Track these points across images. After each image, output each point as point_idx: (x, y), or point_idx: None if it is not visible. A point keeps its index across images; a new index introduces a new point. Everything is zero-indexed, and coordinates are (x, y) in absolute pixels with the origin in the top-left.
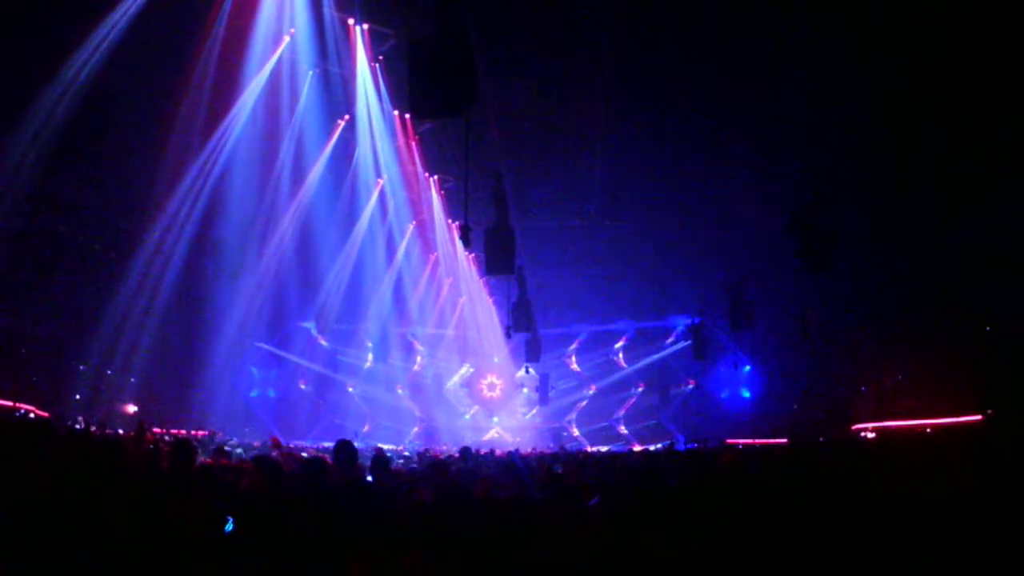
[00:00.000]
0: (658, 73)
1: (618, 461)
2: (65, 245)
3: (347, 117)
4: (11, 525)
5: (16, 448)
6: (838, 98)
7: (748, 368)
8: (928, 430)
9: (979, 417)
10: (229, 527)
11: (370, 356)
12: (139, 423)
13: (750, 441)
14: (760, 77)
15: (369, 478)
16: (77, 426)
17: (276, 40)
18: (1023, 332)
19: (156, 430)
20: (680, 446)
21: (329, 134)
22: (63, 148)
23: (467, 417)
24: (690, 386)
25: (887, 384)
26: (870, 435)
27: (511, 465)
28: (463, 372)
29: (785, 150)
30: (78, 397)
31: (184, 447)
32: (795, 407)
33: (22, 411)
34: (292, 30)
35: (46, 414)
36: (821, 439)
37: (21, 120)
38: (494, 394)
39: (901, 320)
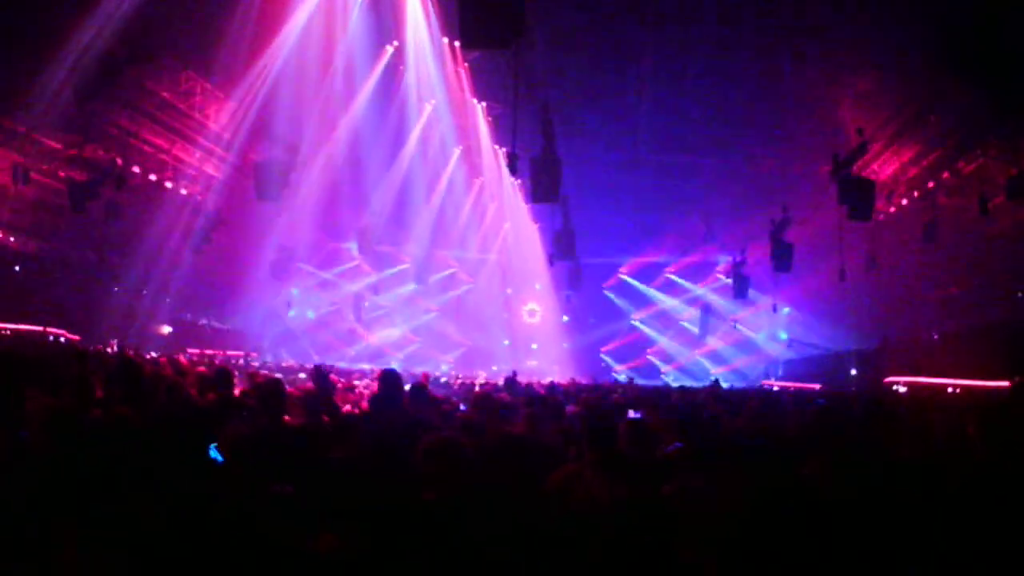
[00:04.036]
0: (711, 9)
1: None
2: (104, 169)
3: (396, 43)
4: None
5: (46, 371)
6: (886, 45)
7: (787, 310)
8: (957, 391)
9: (1007, 383)
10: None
11: (411, 279)
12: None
13: (786, 384)
14: (810, 20)
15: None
16: (110, 350)
17: None
18: None
19: (191, 351)
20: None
21: (377, 59)
22: (102, 75)
23: (506, 343)
24: (730, 323)
25: (922, 339)
26: (902, 389)
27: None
28: (504, 297)
29: (832, 96)
30: (112, 319)
31: (222, 377)
32: (828, 352)
33: (53, 336)
34: None
35: (77, 338)
36: (853, 389)
37: (60, 49)
38: (534, 320)
39: (941, 276)
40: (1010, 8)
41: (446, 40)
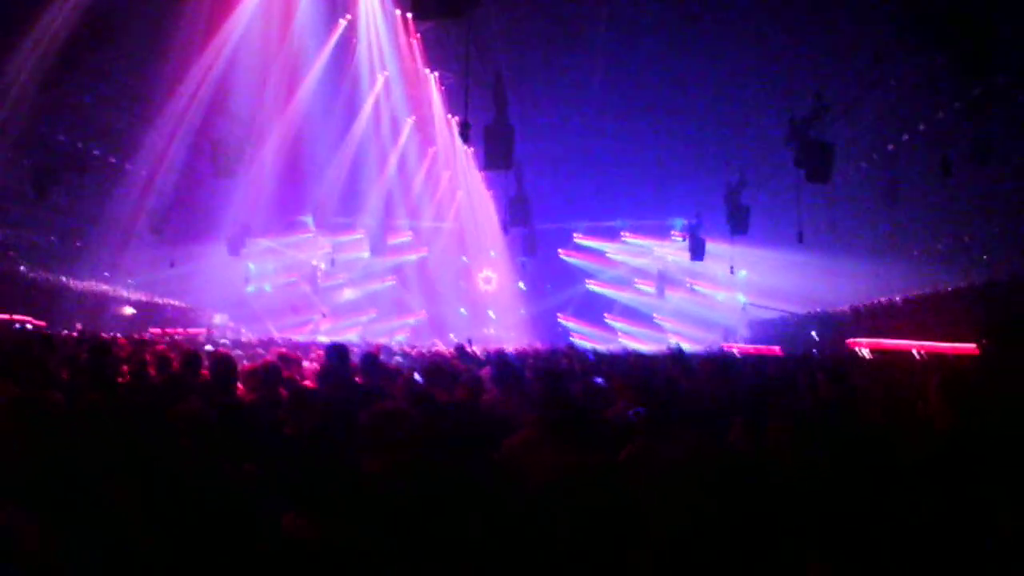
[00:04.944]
0: None
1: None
2: (66, 154)
3: (349, 16)
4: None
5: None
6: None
7: (744, 273)
8: (923, 354)
9: (974, 347)
10: None
11: (367, 249)
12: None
13: (746, 348)
14: None
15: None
16: (75, 333)
17: None
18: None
19: (154, 330)
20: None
21: (330, 33)
22: (62, 57)
23: (463, 311)
24: (687, 286)
25: (885, 303)
26: (865, 352)
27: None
28: (460, 265)
29: (788, 57)
30: (76, 303)
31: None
32: (790, 316)
33: (19, 323)
34: None
35: (43, 323)
36: (815, 351)
37: (21, 30)
38: (490, 288)
39: (899, 234)
40: None
41: (398, 12)
